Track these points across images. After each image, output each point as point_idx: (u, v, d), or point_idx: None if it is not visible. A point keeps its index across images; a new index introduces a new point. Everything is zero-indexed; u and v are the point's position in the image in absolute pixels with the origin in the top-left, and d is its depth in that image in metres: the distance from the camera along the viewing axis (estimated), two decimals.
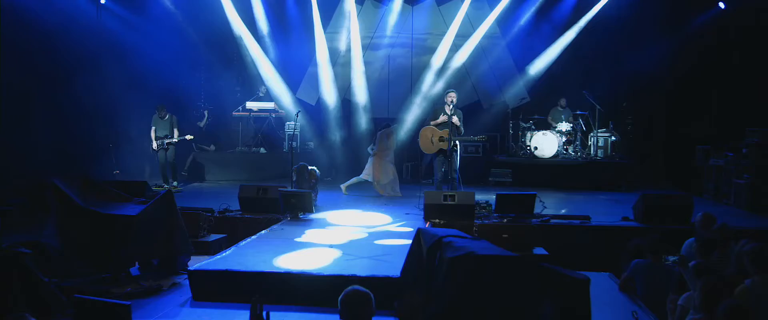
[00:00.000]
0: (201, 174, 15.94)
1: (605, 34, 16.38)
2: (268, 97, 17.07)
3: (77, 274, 7.01)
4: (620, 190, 14.26)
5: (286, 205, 9.95)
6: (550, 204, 12.14)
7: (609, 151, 15.58)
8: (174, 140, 13.84)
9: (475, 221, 9.73)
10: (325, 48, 17.39)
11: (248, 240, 8.09)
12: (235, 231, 9.51)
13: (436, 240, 5.30)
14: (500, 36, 17.98)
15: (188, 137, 13.96)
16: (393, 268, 6.46)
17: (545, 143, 15.45)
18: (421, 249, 5.59)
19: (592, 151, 15.67)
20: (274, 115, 16.79)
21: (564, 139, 15.67)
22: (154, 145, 13.75)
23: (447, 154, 10.79)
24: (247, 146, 16.74)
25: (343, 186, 13.17)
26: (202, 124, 16.64)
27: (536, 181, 14.85)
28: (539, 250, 8.59)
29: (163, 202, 7.24)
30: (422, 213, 9.91)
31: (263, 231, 8.72)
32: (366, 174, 13.16)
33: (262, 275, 6.63)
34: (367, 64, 18.05)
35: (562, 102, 16.28)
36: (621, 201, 12.74)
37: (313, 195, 11.40)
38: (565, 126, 15.70)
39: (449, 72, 17.49)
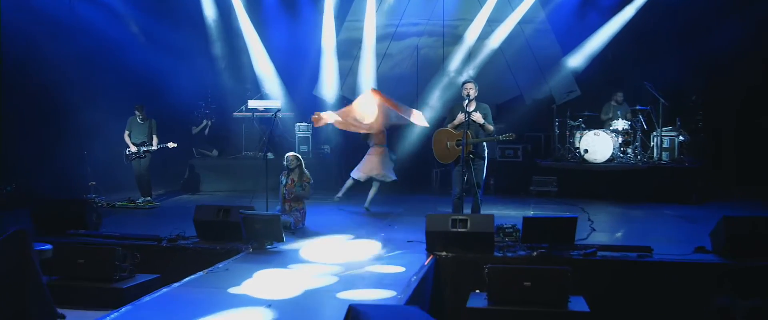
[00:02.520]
0: (196, 184, 13.88)
1: (670, 12, 13.62)
2: (276, 94, 14.91)
3: None
4: (690, 203, 11.62)
5: (250, 232, 7.74)
6: (601, 224, 9.73)
7: (676, 154, 12.88)
8: (153, 148, 11.79)
9: (495, 253, 7.31)
10: (333, 38, 15.38)
11: (163, 291, 5.87)
12: (184, 265, 7.32)
13: None
14: (545, 20, 15.44)
15: (170, 145, 11.87)
16: None
17: (598, 145, 12.86)
18: None
19: (655, 154, 13.01)
20: (280, 115, 14.59)
21: (621, 139, 13.05)
22: (128, 151, 11.71)
23: (467, 161, 8.37)
24: (253, 151, 14.63)
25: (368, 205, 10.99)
26: (195, 131, 14.56)
27: (586, 191, 12.50)
28: (578, 301, 6.12)
29: (7, 248, 4.95)
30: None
31: (200, 273, 6.51)
32: (367, 172, 10.87)
33: None
34: (389, 55, 15.93)
35: (619, 96, 13.64)
36: (693, 218, 10.16)
37: (299, 214, 9.19)
38: (621, 124, 13.07)
39: (482, 60, 14.99)
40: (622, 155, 13.07)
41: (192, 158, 14.26)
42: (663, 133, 12.94)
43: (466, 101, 8.48)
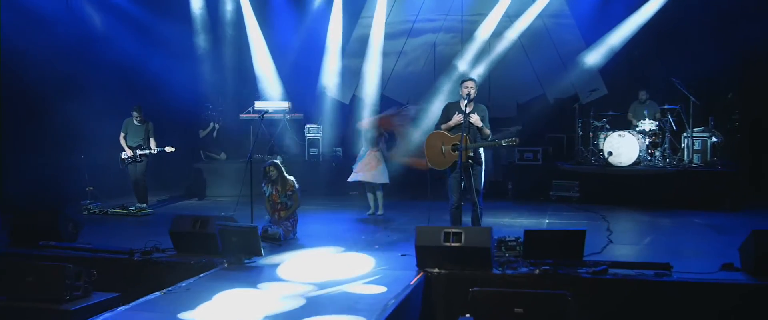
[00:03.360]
0: (201, 188, 13.33)
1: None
2: (283, 95, 14.27)
3: None
4: (723, 210, 10.67)
5: (226, 246, 7.10)
6: (621, 234, 8.90)
7: (708, 157, 11.89)
8: (152, 151, 11.25)
9: (494, 270, 6.55)
10: (339, 35, 14.78)
11: (104, 317, 5.23)
12: (156, 281, 6.70)
13: None
14: (569, 14, 14.54)
15: (168, 149, 11.31)
16: None
17: (623, 146, 11.96)
18: None
19: (685, 157, 12.03)
20: (288, 116, 14.00)
21: (648, 141, 12.12)
22: (124, 154, 11.18)
23: (463, 166, 7.60)
24: (261, 154, 14.01)
25: (381, 211, 10.43)
26: (203, 135, 14.03)
27: (610, 197, 11.63)
28: None
29: None
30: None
31: (157, 293, 5.87)
32: (367, 176, 10.20)
33: None
34: (403, 53, 15.15)
35: (643, 95, 12.70)
36: (724, 228, 9.24)
37: (288, 225, 8.53)
38: (648, 124, 12.14)
39: (500, 56, 14.17)
40: (649, 158, 12.14)
41: (198, 162, 13.72)
42: (694, 134, 11.96)
43: (465, 101, 7.69)
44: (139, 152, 11.20)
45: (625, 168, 11.93)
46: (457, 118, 7.68)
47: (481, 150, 7.86)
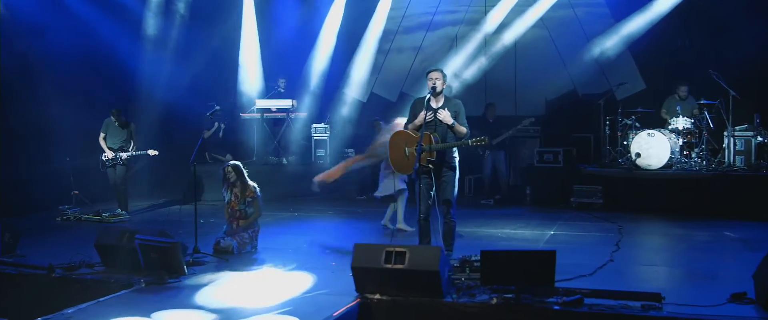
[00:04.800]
0: (198, 192, 12.54)
1: None
2: (289, 92, 13.39)
3: None
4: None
5: (148, 262, 6.23)
6: (630, 249, 7.79)
7: (753, 158, 10.41)
8: (133, 153, 10.55)
9: (447, 298, 5.45)
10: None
11: None
12: (70, 300, 5.86)
13: None
14: (603, 2, 13.17)
15: (151, 152, 10.58)
16: None
17: (652, 147, 10.62)
18: None
19: (727, 158, 10.57)
20: (293, 115, 13.12)
21: (681, 140, 10.73)
22: (105, 156, 10.51)
23: (425, 171, 6.50)
24: (266, 155, 13.23)
25: (399, 225, 9.00)
26: (207, 135, 13.30)
27: (637, 203, 10.47)
28: None
29: None
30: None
31: None
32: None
33: None
34: (422, 48, 14.31)
35: (682, 90, 11.25)
36: (759, 244, 7.80)
37: (245, 236, 7.62)
38: (682, 122, 10.74)
39: (525, 49, 12.99)
40: (684, 160, 10.74)
41: (200, 164, 12.96)
42: (736, 133, 10.49)
43: (428, 95, 6.58)
44: (121, 154, 10.51)
45: (655, 172, 10.59)
46: (422, 116, 6.58)
47: (455, 152, 6.75)
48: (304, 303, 5.49)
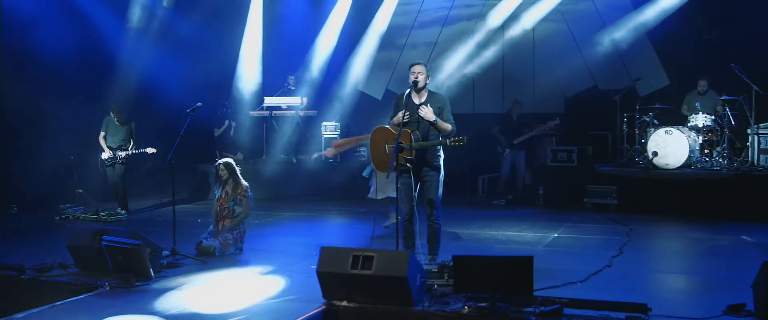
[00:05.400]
0: (205, 191, 12.43)
1: None
2: (299, 89, 13.13)
3: None
4: None
5: (115, 264, 6.01)
6: (633, 254, 7.26)
7: None
8: (131, 152, 10.40)
9: (417, 307, 5.09)
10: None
11: None
12: (31, 303, 5.67)
13: None
14: None
15: (149, 150, 10.40)
16: None
17: (670, 146, 10.06)
18: None
19: (750, 157, 9.97)
20: (302, 113, 12.86)
21: (701, 139, 10.16)
22: (104, 155, 10.38)
23: (408, 170, 6.13)
24: (277, 154, 12.99)
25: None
26: (218, 133, 13.14)
27: (654, 205, 10.02)
28: None
29: None
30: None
31: None
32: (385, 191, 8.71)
33: None
34: (438, 44, 13.96)
35: (702, 85, 10.67)
36: None
37: (229, 237, 7.36)
38: (702, 119, 10.16)
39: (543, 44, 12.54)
40: (705, 159, 10.17)
41: (203, 162, 12.82)
42: (760, 130, 9.89)
43: (409, 89, 6.23)
44: (119, 153, 10.37)
45: (673, 171, 10.04)
46: (401, 113, 6.21)
47: (438, 151, 6.38)
48: (265, 310, 5.19)
